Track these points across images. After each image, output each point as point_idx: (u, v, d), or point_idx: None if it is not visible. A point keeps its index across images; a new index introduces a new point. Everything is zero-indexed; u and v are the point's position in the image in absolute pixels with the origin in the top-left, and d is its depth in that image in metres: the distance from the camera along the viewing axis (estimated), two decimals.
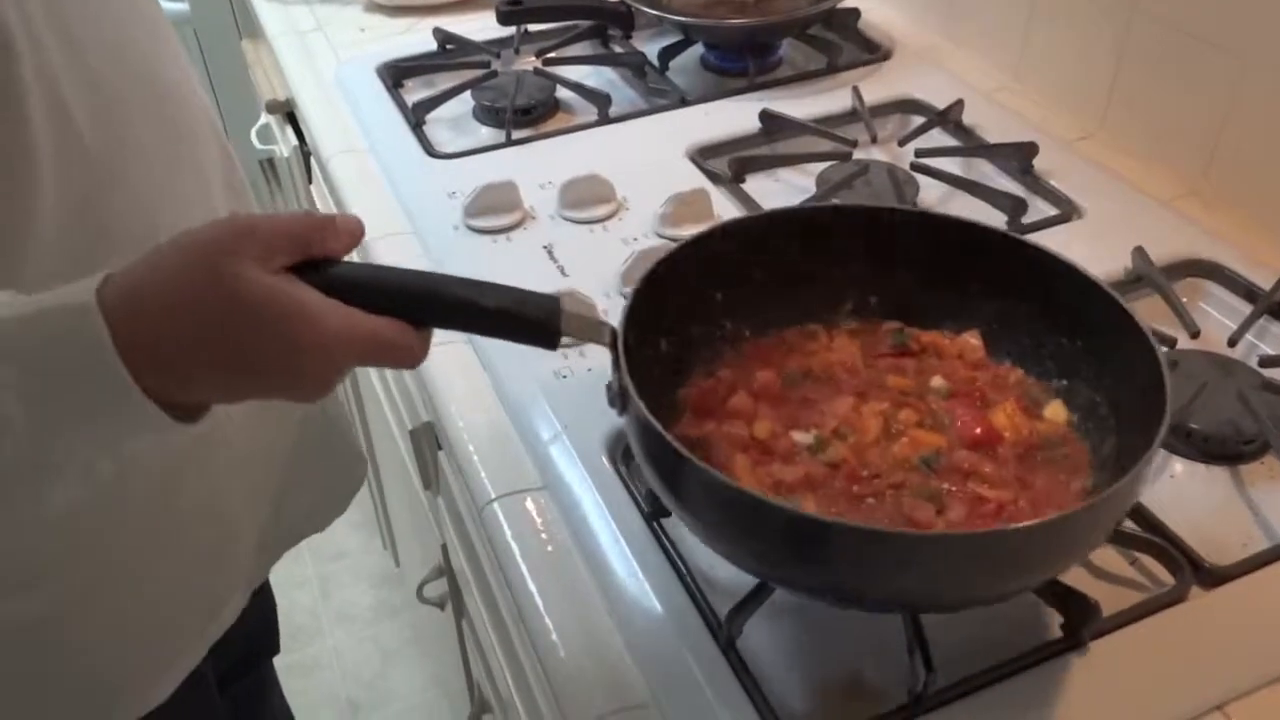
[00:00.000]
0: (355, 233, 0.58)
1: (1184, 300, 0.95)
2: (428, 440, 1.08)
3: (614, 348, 0.65)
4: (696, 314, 0.77)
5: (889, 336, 0.78)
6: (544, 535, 0.79)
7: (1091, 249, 0.98)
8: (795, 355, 0.77)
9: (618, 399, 0.66)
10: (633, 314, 0.68)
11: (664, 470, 0.63)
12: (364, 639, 2.00)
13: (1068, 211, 1.05)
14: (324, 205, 1.35)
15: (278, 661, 1.29)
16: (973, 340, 0.77)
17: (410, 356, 0.58)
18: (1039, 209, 1.07)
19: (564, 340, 0.63)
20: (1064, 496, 0.66)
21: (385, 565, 2.07)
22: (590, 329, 0.64)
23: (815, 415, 0.72)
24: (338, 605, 2.05)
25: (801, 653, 0.70)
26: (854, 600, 0.63)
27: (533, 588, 0.75)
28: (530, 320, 0.61)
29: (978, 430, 0.69)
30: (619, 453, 0.83)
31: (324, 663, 1.95)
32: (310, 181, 1.49)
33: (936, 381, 0.74)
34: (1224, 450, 0.82)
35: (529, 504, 0.81)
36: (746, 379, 0.75)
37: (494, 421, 0.87)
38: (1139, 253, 0.96)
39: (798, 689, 0.68)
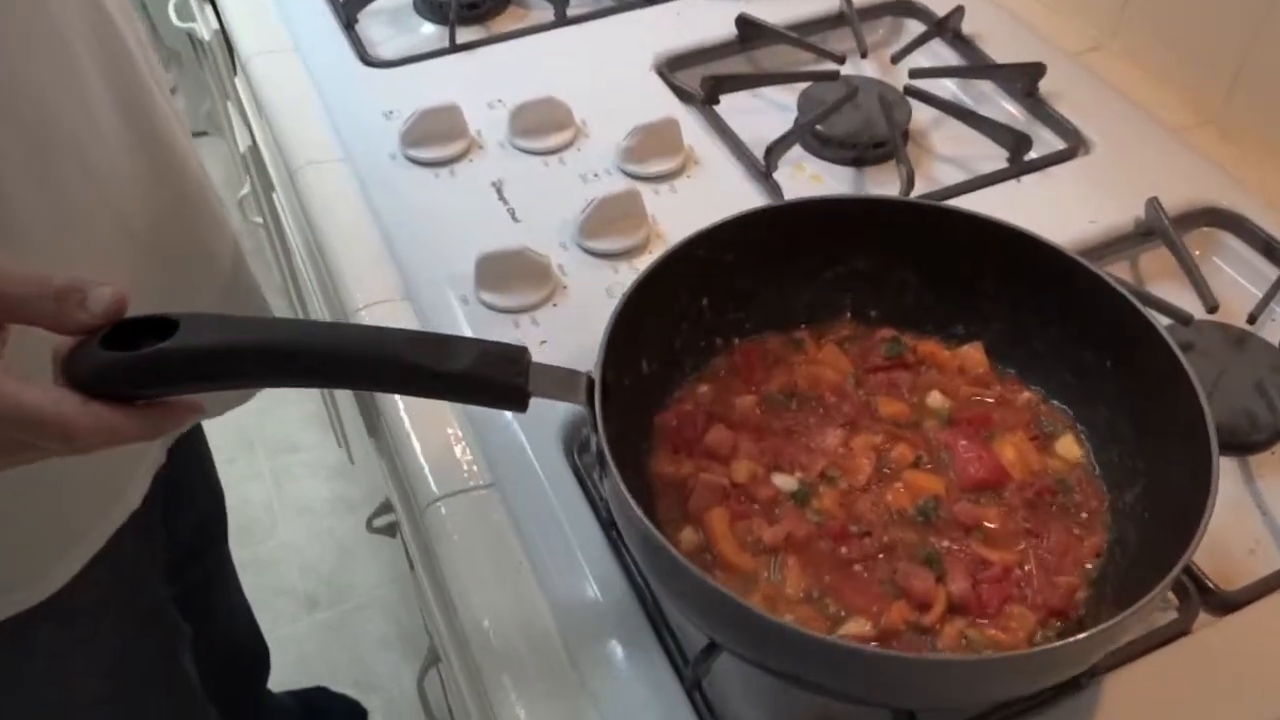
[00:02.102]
0: (112, 307, 0.50)
1: (1196, 254, 0.86)
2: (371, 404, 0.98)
3: (590, 404, 0.55)
4: (679, 325, 0.69)
5: (882, 346, 0.69)
6: (491, 542, 0.70)
7: (1099, 193, 0.89)
8: (780, 369, 0.68)
9: (596, 464, 0.57)
10: (609, 354, 0.58)
11: (650, 561, 0.57)
12: (320, 533, 1.94)
13: (1074, 146, 0.94)
14: (249, 107, 1.20)
15: (235, 556, 1.26)
16: (975, 352, 0.67)
17: (61, 435, 0.49)
18: (1044, 142, 0.96)
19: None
20: (1076, 557, 0.59)
21: (340, 458, 2.00)
22: (563, 384, 0.55)
23: (800, 452, 0.63)
24: (293, 499, 1.99)
25: (773, 690, 0.63)
26: (845, 699, 0.57)
27: (478, 614, 0.67)
28: (491, 382, 0.52)
29: (982, 471, 0.61)
30: (576, 445, 0.74)
31: (280, 557, 1.90)
32: (235, 73, 1.32)
33: (934, 400, 0.66)
34: (1234, 441, 0.75)
35: (474, 503, 0.72)
36: (726, 404, 0.66)
37: (436, 408, 0.77)
38: (1153, 206, 0.86)
39: None
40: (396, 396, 0.77)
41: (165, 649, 0.97)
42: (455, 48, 1.05)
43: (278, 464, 2.03)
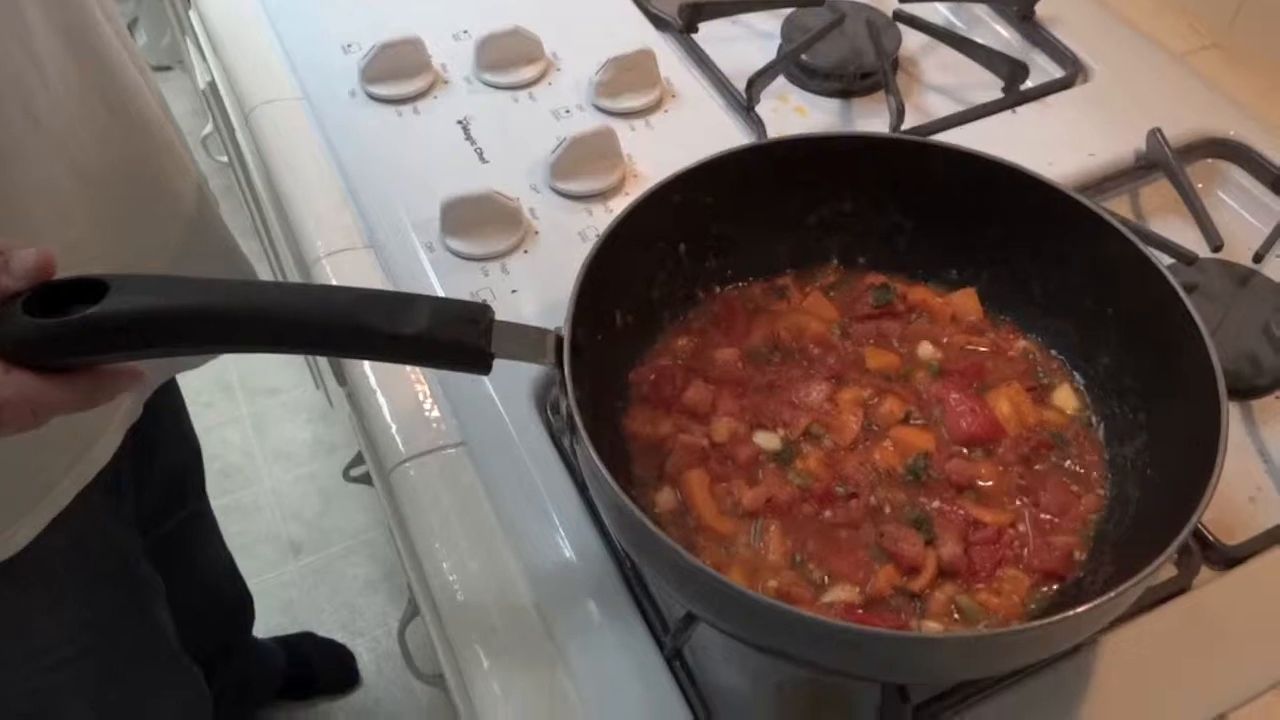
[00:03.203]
0: (34, 270, 0.47)
1: (1200, 187, 0.82)
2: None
3: (560, 365, 0.52)
4: (656, 274, 0.65)
5: (870, 293, 0.65)
6: (462, 505, 0.67)
7: (1099, 124, 0.85)
8: (762, 320, 0.64)
9: (566, 428, 0.53)
10: (580, 309, 0.54)
11: (625, 532, 0.53)
12: (301, 477, 1.91)
13: (1072, 73, 0.89)
14: (204, 42, 1.14)
15: (215, 505, 1.24)
16: (968, 299, 0.64)
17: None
18: (1041, 69, 0.91)
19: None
20: (1074, 516, 0.56)
21: (320, 400, 1.96)
22: (529, 344, 0.51)
23: (784, 408, 0.60)
24: (273, 443, 1.96)
25: (757, 657, 0.61)
26: (833, 675, 0.54)
27: (450, 581, 0.64)
28: (450, 345, 0.48)
29: (975, 425, 0.58)
30: (549, 401, 0.71)
31: (262, 503, 1.88)
32: (190, 6, 1.25)
33: (925, 351, 0.63)
34: (1237, 385, 0.72)
35: (444, 465, 0.69)
36: (706, 358, 0.62)
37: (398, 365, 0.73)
38: (1155, 137, 0.81)
39: (750, 701, 0.59)
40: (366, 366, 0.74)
41: (135, 605, 0.95)
42: None
43: (257, 408, 1.99)
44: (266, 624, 1.53)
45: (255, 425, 1.98)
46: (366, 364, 0.73)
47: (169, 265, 0.79)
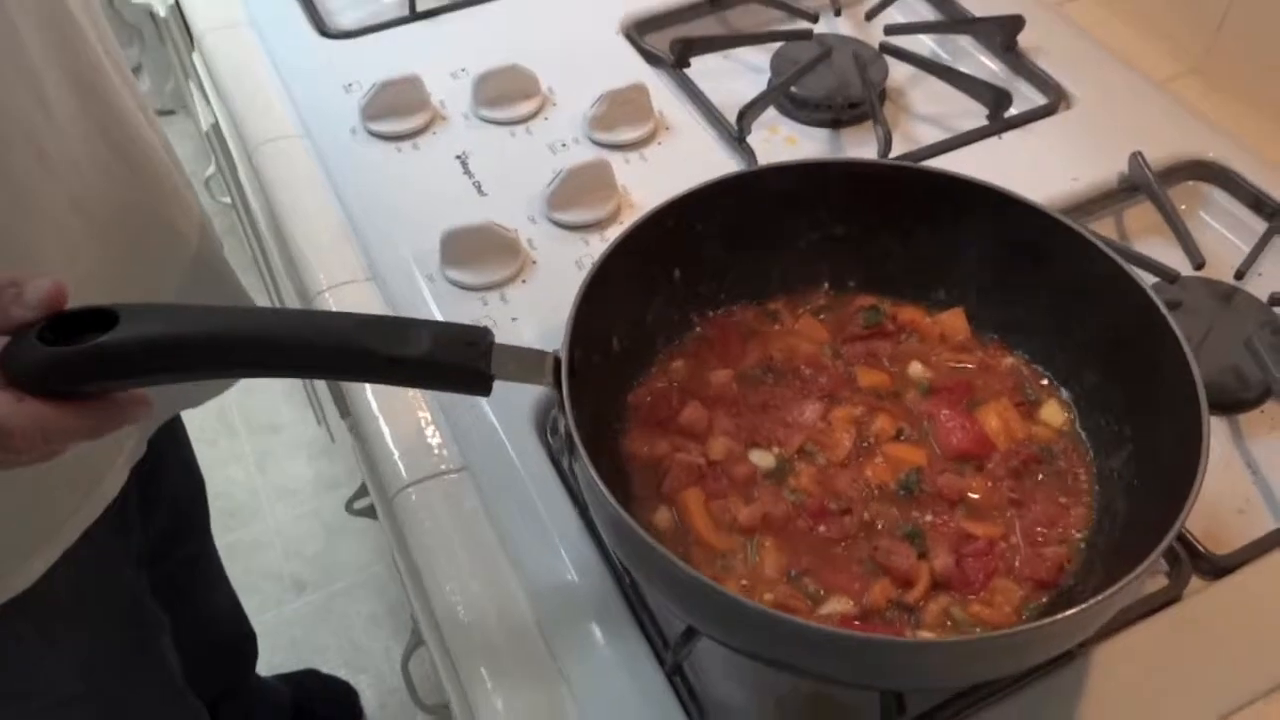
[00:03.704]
0: (48, 300, 0.49)
1: (1183, 209, 0.84)
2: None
3: (558, 385, 0.53)
4: (651, 299, 0.66)
5: (860, 315, 0.66)
6: (465, 528, 0.68)
7: (1082, 149, 0.87)
8: (755, 342, 0.66)
9: (565, 448, 0.54)
10: (577, 332, 0.56)
11: (624, 547, 0.55)
12: (305, 514, 1.92)
13: (1055, 101, 0.92)
14: (207, 84, 1.16)
15: (219, 543, 1.25)
16: (956, 319, 0.66)
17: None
18: (1024, 98, 0.93)
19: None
20: (1063, 527, 0.58)
21: (321, 436, 1.97)
22: (528, 366, 0.53)
23: (778, 427, 0.62)
24: (276, 480, 1.97)
25: (757, 672, 0.62)
26: (829, 682, 0.55)
27: (453, 603, 0.65)
28: (451, 367, 0.49)
29: (965, 441, 0.59)
30: (549, 424, 0.72)
31: (265, 541, 1.88)
32: (193, 49, 1.28)
33: (915, 370, 0.64)
34: (1223, 399, 0.73)
35: (446, 489, 0.70)
36: (701, 380, 0.64)
37: (404, 390, 0.75)
38: (1137, 160, 0.84)
39: (750, 715, 0.60)
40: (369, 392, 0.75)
41: (142, 642, 0.95)
42: (416, 15, 1.02)
43: (260, 445, 2.01)
44: (270, 662, 1.54)
45: (258, 462, 1.99)
46: (369, 391, 0.75)
47: (174, 301, 0.81)
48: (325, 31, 1.01)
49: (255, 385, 2.03)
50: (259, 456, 1.99)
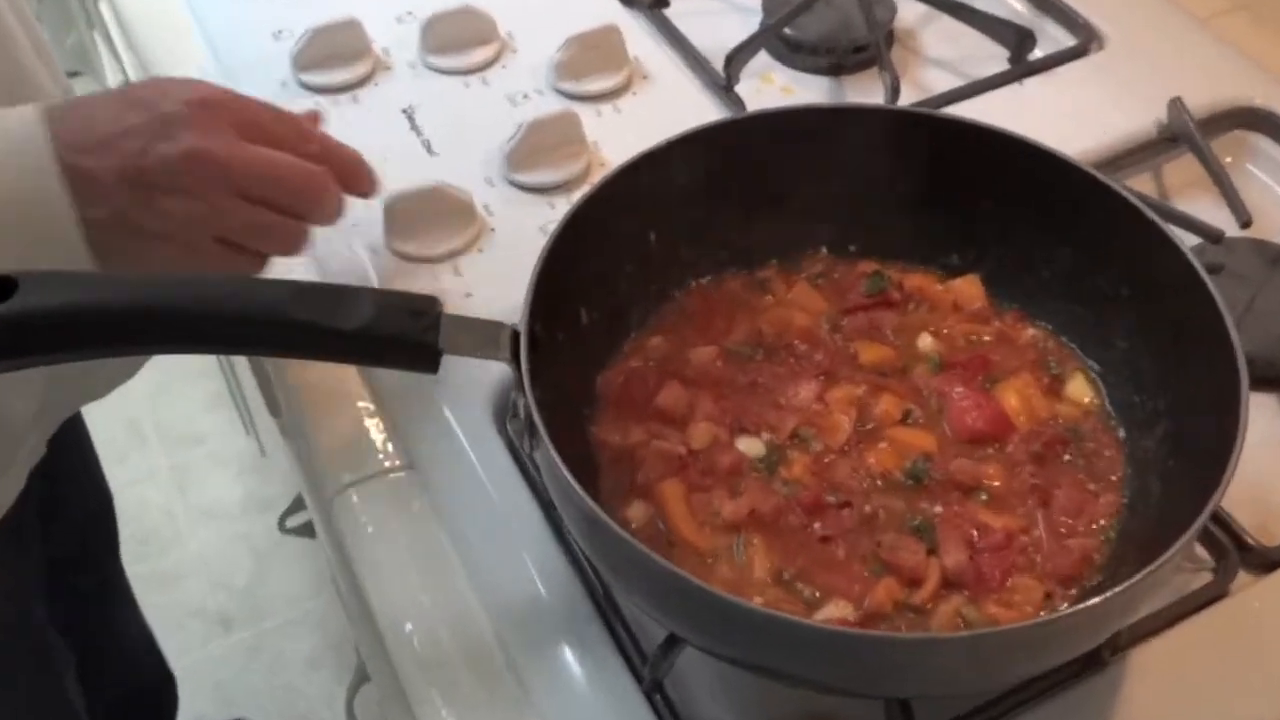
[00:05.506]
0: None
1: (1228, 161, 0.86)
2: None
3: (516, 361, 0.55)
4: (624, 265, 0.68)
5: (862, 282, 0.69)
6: (412, 533, 0.70)
7: (1115, 95, 0.90)
8: (743, 315, 0.68)
9: (525, 432, 0.56)
10: (538, 302, 0.58)
11: (592, 541, 0.57)
12: (232, 539, 1.93)
13: (1084, 41, 0.94)
14: (116, 36, 1.18)
15: (133, 573, 1.27)
16: (971, 285, 0.68)
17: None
18: (1050, 38, 0.96)
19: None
20: (1091, 516, 0.60)
21: (251, 448, 1.98)
22: (481, 339, 0.54)
23: (769, 410, 0.64)
24: (198, 500, 1.98)
25: (745, 686, 0.64)
26: (828, 691, 0.57)
27: (399, 618, 0.67)
28: (395, 339, 0.51)
29: (980, 421, 0.62)
30: (508, 413, 0.74)
31: (187, 571, 1.89)
32: None
33: (925, 343, 0.66)
34: (1271, 373, 0.75)
35: (391, 489, 0.72)
36: (681, 358, 0.66)
37: (342, 377, 0.76)
38: (1176, 107, 0.86)
39: None
40: (295, 364, 0.77)
41: (42, 676, 0.97)
42: None
43: (178, 459, 2.01)
44: (193, 709, 1.54)
45: (176, 480, 2.00)
46: (302, 380, 0.77)
47: None
48: None
49: (172, 389, 2.04)
50: (177, 473, 2.00)
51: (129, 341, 0.54)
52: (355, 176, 0.72)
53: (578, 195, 0.83)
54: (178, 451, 2.03)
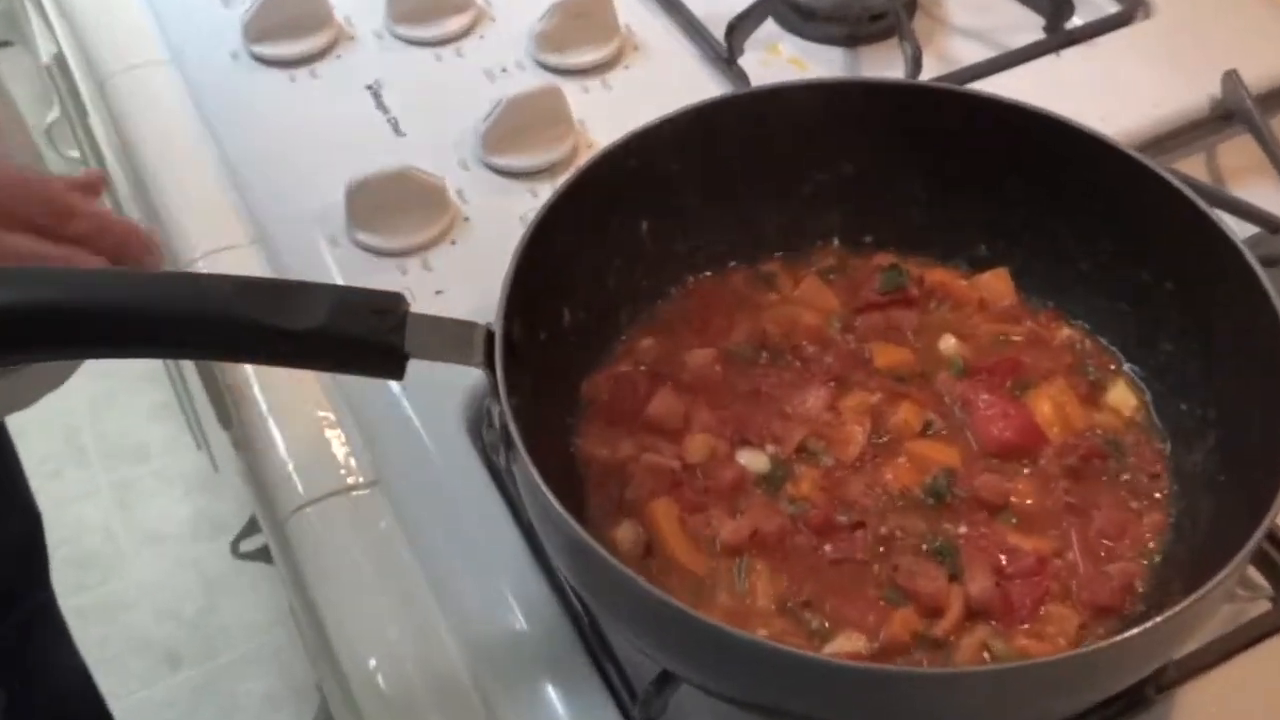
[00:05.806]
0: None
1: None
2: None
3: (491, 365, 0.55)
4: (612, 258, 0.69)
5: (878, 277, 0.69)
6: (377, 558, 0.70)
7: (1163, 68, 0.91)
8: (745, 314, 0.69)
9: (501, 444, 0.56)
10: (514, 300, 0.58)
11: (575, 566, 0.57)
12: (181, 565, 1.94)
13: (1129, 7, 0.95)
14: (49, 1, 1.18)
15: (68, 604, 1.26)
16: (1000, 280, 0.68)
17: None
18: (1090, 4, 0.97)
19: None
20: (1134, 538, 0.60)
21: (202, 464, 1.99)
22: (451, 341, 0.55)
23: (773, 420, 0.65)
24: (143, 522, 1.98)
25: None
26: None
27: (361, 652, 0.67)
28: (355, 341, 0.51)
29: (1009, 432, 0.62)
30: (484, 423, 0.74)
31: (129, 601, 1.90)
32: None
33: (948, 345, 0.67)
34: None
35: (354, 508, 0.72)
36: (676, 362, 0.67)
37: (300, 386, 0.77)
38: (1232, 81, 0.87)
39: None
40: (249, 372, 0.77)
41: None
42: None
43: (120, 476, 2.02)
44: None
45: (118, 499, 2.00)
46: (256, 388, 0.77)
47: None
48: None
49: (115, 399, 2.05)
50: (119, 491, 2.01)
51: (56, 344, 0.54)
52: (125, 248, 0.66)
53: (561, 180, 0.84)
54: (120, 467, 2.03)
